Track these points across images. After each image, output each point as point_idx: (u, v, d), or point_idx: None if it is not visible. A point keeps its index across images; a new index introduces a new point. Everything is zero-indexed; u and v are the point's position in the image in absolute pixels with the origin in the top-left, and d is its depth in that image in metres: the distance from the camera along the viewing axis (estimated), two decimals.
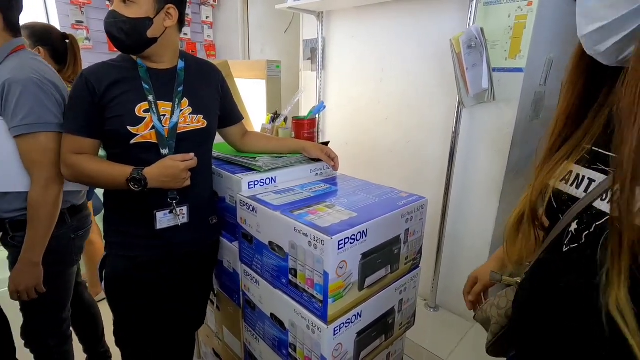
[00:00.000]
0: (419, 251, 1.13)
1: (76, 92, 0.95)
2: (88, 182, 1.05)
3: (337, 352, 0.91)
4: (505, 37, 1.58)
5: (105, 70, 0.96)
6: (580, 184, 0.51)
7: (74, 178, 0.99)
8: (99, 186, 1.06)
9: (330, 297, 0.85)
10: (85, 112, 0.95)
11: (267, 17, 3.22)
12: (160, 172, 0.96)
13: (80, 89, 0.94)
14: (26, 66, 0.98)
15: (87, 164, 0.97)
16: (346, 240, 0.83)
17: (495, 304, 0.73)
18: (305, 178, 1.23)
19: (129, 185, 0.94)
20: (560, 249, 0.52)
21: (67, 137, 0.97)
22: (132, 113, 0.95)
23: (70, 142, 0.96)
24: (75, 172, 0.98)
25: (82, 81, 0.94)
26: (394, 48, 2.01)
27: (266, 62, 1.65)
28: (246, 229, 1.07)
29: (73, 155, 0.96)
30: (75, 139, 0.96)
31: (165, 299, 1.11)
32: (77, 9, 2.58)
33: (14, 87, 0.95)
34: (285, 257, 0.94)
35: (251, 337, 1.20)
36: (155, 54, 0.99)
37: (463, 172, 1.84)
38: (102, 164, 0.98)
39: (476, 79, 1.60)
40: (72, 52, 1.52)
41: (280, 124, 1.51)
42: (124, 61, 1.00)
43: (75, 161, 0.96)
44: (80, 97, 0.94)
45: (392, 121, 2.11)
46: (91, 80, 0.93)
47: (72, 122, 0.96)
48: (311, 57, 2.46)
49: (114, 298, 1.09)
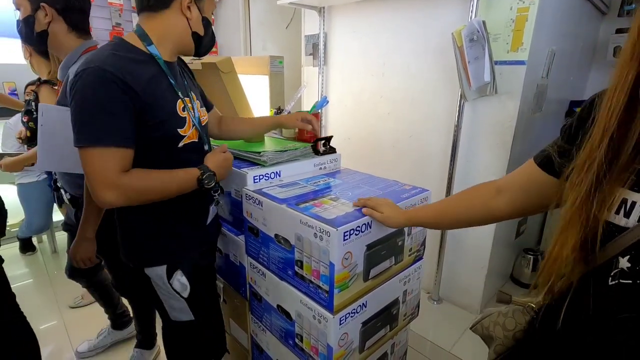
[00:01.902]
0: (423, 243, 1.14)
1: (110, 94, 0.77)
2: (147, 198, 0.87)
3: (343, 342, 0.93)
4: (507, 30, 1.58)
5: (130, 65, 0.81)
6: (629, 212, 0.45)
7: (127, 200, 0.83)
8: (158, 199, 0.88)
9: (335, 287, 0.86)
10: (128, 118, 0.79)
11: (268, 13, 3.21)
12: (219, 165, 0.96)
13: (115, 89, 0.77)
14: None
15: (144, 180, 0.84)
16: (351, 231, 0.85)
17: (500, 324, 0.70)
18: (309, 172, 1.24)
19: (201, 185, 0.90)
20: (604, 281, 0.48)
21: (110, 152, 0.78)
22: (176, 114, 0.88)
23: (117, 159, 0.79)
24: (129, 194, 0.82)
25: (110, 79, 0.76)
26: (396, 42, 2.01)
27: (269, 58, 1.66)
28: (252, 223, 1.09)
29: (124, 175, 0.80)
30: (123, 152, 0.80)
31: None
32: None
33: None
34: (291, 249, 0.96)
35: (258, 328, 1.22)
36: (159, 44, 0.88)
37: (465, 165, 1.85)
38: (161, 174, 0.87)
39: (478, 72, 1.60)
40: None
41: None
42: (134, 52, 0.84)
43: (130, 180, 0.81)
44: (117, 99, 0.77)
45: (394, 115, 2.12)
46: (126, 79, 0.78)
47: (116, 133, 0.78)
48: (313, 52, 2.46)
49: (196, 301, 1.04)
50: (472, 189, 0.75)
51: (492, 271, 1.94)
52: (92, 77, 0.76)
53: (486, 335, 0.72)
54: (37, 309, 1.87)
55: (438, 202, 0.84)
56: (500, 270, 2.10)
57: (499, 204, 0.69)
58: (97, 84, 0.76)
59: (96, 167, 0.78)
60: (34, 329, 1.27)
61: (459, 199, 0.78)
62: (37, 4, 1.06)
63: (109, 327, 1.72)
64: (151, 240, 0.97)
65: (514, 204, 0.66)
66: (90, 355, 1.66)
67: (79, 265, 1.23)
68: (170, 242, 0.99)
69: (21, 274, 2.34)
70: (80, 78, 0.77)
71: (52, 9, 1.08)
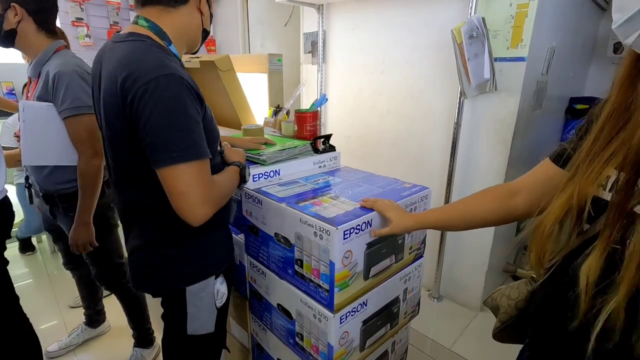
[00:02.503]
0: (423, 241, 1.14)
1: (192, 104, 0.72)
2: (223, 204, 0.85)
3: (344, 340, 0.93)
4: (506, 27, 1.57)
5: (186, 72, 0.77)
6: (612, 187, 0.48)
7: (215, 210, 0.79)
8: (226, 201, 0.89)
9: (336, 286, 0.86)
10: (202, 128, 0.76)
11: (267, 11, 3.20)
12: (243, 158, 1.01)
13: (193, 98, 0.73)
14: (70, 62, 1.17)
15: (220, 186, 0.82)
16: (351, 230, 0.84)
17: (506, 294, 0.73)
18: (309, 170, 1.24)
19: (242, 178, 0.95)
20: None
21: (204, 165, 0.74)
22: (212, 115, 0.87)
23: (208, 172, 0.76)
24: (217, 202, 0.80)
25: (188, 87, 0.72)
26: (395, 39, 2.00)
27: (267, 56, 1.64)
28: (252, 221, 1.08)
29: (213, 184, 0.78)
30: (209, 164, 0.77)
31: None
32: (76, 6, 2.58)
33: (63, 78, 1.13)
34: (291, 248, 0.95)
35: (258, 327, 1.22)
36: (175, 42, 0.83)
37: (465, 162, 1.84)
38: (221, 177, 0.86)
39: (478, 69, 1.60)
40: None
41: (283, 117, 1.51)
42: (170, 54, 0.78)
43: (215, 192, 0.79)
44: (196, 109, 0.74)
45: (394, 113, 2.11)
46: (194, 85, 0.74)
47: (204, 144, 0.74)
48: (312, 50, 2.45)
49: (223, 311, 1.02)
50: (487, 192, 0.77)
51: (493, 268, 1.94)
52: (175, 87, 0.69)
53: (494, 306, 0.75)
54: (37, 308, 1.86)
55: (450, 205, 0.85)
56: (500, 268, 2.10)
57: (517, 204, 0.71)
58: (181, 95, 0.70)
59: (193, 183, 0.71)
60: (34, 329, 1.27)
61: (474, 200, 0.78)
62: (7, 4, 1.10)
63: (82, 325, 1.73)
64: (204, 254, 0.91)
65: (531, 202, 0.68)
66: (61, 354, 1.66)
67: (80, 251, 1.29)
68: (218, 250, 0.95)
69: (21, 274, 2.34)
70: (157, 87, 0.68)
71: (22, 9, 1.12)
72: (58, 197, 1.28)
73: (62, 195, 1.28)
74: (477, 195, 0.78)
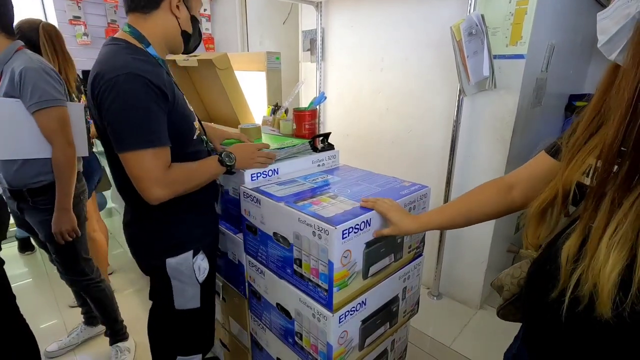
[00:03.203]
0: (422, 240, 1.14)
1: (149, 98, 0.81)
2: (187, 188, 0.93)
3: (343, 340, 0.93)
4: (506, 24, 1.56)
5: (153, 69, 0.85)
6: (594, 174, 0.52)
7: (174, 193, 0.89)
8: (195, 187, 0.95)
9: (335, 285, 0.86)
10: (164, 119, 0.85)
11: (265, 9, 3.18)
12: (243, 148, 1.05)
13: (152, 93, 0.81)
14: (33, 59, 1.22)
15: (184, 170, 0.91)
16: (350, 229, 0.84)
17: (510, 274, 0.77)
18: (307, 169, 1.23)
19: (222, 164, 0.98)
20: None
21: (158, 152, 0.83)
22: (188, 109, 0.96)
23: (164, 156, 0.85)
24: (177, 185, 0.89)
25: (145, 84, 0.80)
26: (394, 37, 1.99)
27: (266, 54, 1.64)
28: (250, 221, 1.08)
29: (169, 170, 0.87)
30: (166, 151, 0.86)
31: None
32: (74, 5, 2.56)
33: (29, 74, 1.17)
34: (290, 248, 0.95)
35: (257, 326, 1.22)
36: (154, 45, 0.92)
37: (465, 160, 1.84)
38: (193, 165, 0.94)
39: (477, 67, 1.59)
40: (49, 42, 1.54)
41: (281, 115, 1.50)
42: (144, 55, 0.88)
43: (174, 174, 0.88)
44: (156, 102, 0.82)
45: (393, 111, 2.10)
46: (157, 82, 0.82)
47: (161, 134, 0.84)
48: (310, 48, 2.44)
49: (207, 288, 1.11)
50: (484, 188, 0.80)
51: (492, 266, 1.94)
52: (132, 83, 0.79)
53: (499, 285, 0.78)
54: (36, 308, 1.86)
55: (450, 204, 0.87)
56: (500, 265, 2.10)
57: (515, 197, 0.75)
58: (139, 90, 0.80)
59: (146, 167, 0.82)
60: (34, 329, 1.27)
61: (473, 197, 0.81)
62: None
63: (81, 325, 1.73)
64: (180, 230, 1.01)
65: (527, 194, 0.72)
66: (61, 354, 1.66)
67: (65, 238, 1.33)
68: (197, 229, 1.04)
69: (20, 274, 2.34)
70: (116, 84, 0.78)
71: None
72: (27, 192, 1.31)
73: (31, 190, 1.31)
74: (475, 192, 0.81)
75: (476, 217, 0.80)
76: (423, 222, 0.84)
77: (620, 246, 0.44)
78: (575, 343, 0.54)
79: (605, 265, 0.44)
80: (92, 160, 1.85)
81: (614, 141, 0.46)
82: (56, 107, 1.22)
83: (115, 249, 2.49)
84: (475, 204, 0.80)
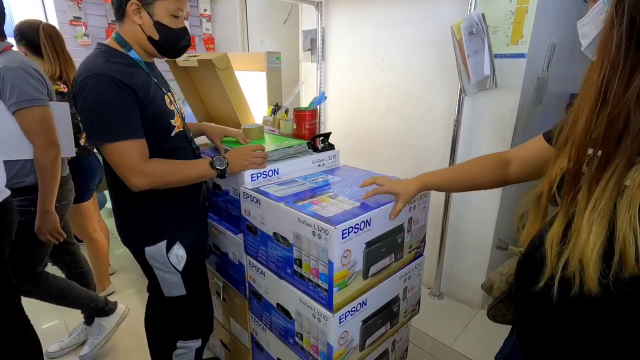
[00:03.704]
0: (423, 239, 1.13)
1: (118, 96, 0.89)
2: (168, 182, 0.99)
3: (343, 340, 0.93)
4: (506, 23, 1.56)
5: (125, 70, 0.92)
6: None
7: (152, 183, 0.95)
8: (178, 184, 1.01)
9: (335, 286, 0.85)
10: (136, 114, 0.92)
11: (265, 9, 3.18)
12: (238, 152, 1.08)
13: (120, 91, 0.88)
14: (15, 59, 1.21)
15: (166, 164, 0.97)
16: (350, 229, 0.84)
17: (499, 272, 0.78)
18: (308, 169, 1.23)
19: (213, 168, 1.02)
20: None
21: (132, 144, 0.91)
22: (166, 107, 1.00)
23: (141, 148, 0.92)
24: (157, 176, 0.95)
25: (117, 84, 0.88)
26: (395, 36, 1.99)
27: (266, 54, 1.63)
28: (250, 221, 1.08)
29: (148, 162, 0.93)
30: (140, 143, 0.92)
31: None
32: (74, 5, 2.56)
33: (8, 74, 1.17)
34: (290, 248, 0.95)
35: (258, 327, 1.21)
36: (134, 48, 0.99)
37: (465, 160, 1.83)
38: (179, 162, 1.01)
39: (478, 66, 1.58)
40: (49, 42, 1.54)
41: (282, 115, 1.50)
42: (122, 58, 0.95)
43: (154, 166, 0.94)
44: (125, 99, 0.89)
45: (393, 111, 2.10)
46: (126, 81, 0.89)
47: (132, 127, 0.91)
48: (311, 48, 2.44)
49: (190, 277, 1.14)
50: (485, 158, 0.86)
51: (493, 265, 1.94)
52: (100, 83, 0.87)
53: (488, 285, 0.80)
54: (38, 309, 1.86)
55: (450, 169, 0.94)
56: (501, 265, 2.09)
57: (509, 172, 0.83)
58: (107, 88, 0.87)
59: (123, 158, 0.90)
60: (36, 329, 1.27)
61: (473, 166, 0.88)
62: None
63: (81, 325, 1.72)
64: (155, 221, 1.07)
65: (521, 171, 0.81)
66: (62, 354, 1.66)
67: (48, 239, 1.33)
68: (171, 220, 1.09)
69: None
70: (87, 85, 0.87)
71: None
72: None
73: (12, 190, 1.28)
74: (476, 162, 0.87)
75: (469, 183, 0.88)
76: (422, 182, 0.92)
77: (600, 220, 0.46)
78: (567, 326, 0.56)
79: (588, 240, 0.47)
80: (92, 160, 1.85)
81: (584, 130, 0.50)
82: (37, 107, 1.21)
83: (116, 249, 2.49)
84: (472, 172, 0.87)
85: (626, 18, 0.45)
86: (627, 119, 0.45)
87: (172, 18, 0.96)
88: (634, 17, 0.44)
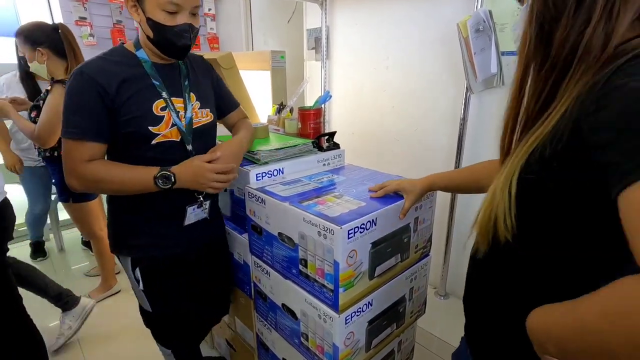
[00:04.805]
0: (429, 239, 1.12)
1: (81, 93, 0.86)
2: (104, 188, 0.96)
3: (349, 341, 0.92)
4: (514, 19, 1.54)
5: (110, 67, 0.88)
6: None
7: (86, 187, 0.93)
8: (118, 192, 0.95)
9: (340, 286, 0.85)
10: (97, 115, 0.87)
11: (269, 8, 3.18)
12: (188, 170, 0.93)
13: (86, 88, 0.85)
14: None
15: (105, 170, 0.91)
16: (356, 229, 0.83)
17: None
18: (312, 168, 1.22)
19: (156, 184, 0.90)
20: None
21: (77, 144, 0.87)
22: (150, 112, 0.91)
23: (82, 150, 0.88)
24: (89, 181, 0.91)
25: (85, 80, 0.85)
26: (400, 34, 1.97)
27: (270, 53, 1.63)
28: (255, 221, 1.07)
29: (86, 164, 0.89)
30: (89, 145, 0.88)
31: (194, 292, 1.13)
32: (80, 5, 2.58)
33: None
34: (295, 248, 0.94)
35: (263, 327, 1.21)
36: (144, 48, 0.95)
37: (471, 159, 1.81)
38: (123, 168, 0.92)
39: (485, 64, 1.57)
40: (67, 42, 1.55)
41: (286, 114, 1.49)
42: (123, 56, 0.92)
43: (90, 170, 0.89)
44: (87, 98, 0.86)
45: (399, 109, 2.08)
46: (98, 79, 0.85)
47: (83, 128, 0.87)
48: (315, 46, 2.43)
49: (154, 296, 1.07)
50: (491, 163, 0.85)
51: None
52: (74, 80, 0.87)
53: None
54: (43, 307, 1.87)
55: (461, 171, 0.95)
56: None
57: None
58: (76, 85, 0.87)
59: (67, 156, 0.90)
60: (40, 327, 1.27)
61: (479, 169, 0.87)
62: None
63: (60, 315, 1.70)
64: (123, 232, 1.03)
65: None
66: (65, 349, 1.66)
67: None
68: (139, 238, 1.02)
69: None
70: (69, 80, 0.88)
71: None
72: None
73: None
74: (483, 165, 0.87)
75: (475, 187, 0.87)
76: (432, 181, 0.94)
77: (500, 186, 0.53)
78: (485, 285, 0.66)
79: (482, 208, 0.56)
80: None
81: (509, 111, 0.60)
82: None
83: None
84: (478, 176, 0.86)
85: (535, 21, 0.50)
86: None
87: (166, 14, 0.86)
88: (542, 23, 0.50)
